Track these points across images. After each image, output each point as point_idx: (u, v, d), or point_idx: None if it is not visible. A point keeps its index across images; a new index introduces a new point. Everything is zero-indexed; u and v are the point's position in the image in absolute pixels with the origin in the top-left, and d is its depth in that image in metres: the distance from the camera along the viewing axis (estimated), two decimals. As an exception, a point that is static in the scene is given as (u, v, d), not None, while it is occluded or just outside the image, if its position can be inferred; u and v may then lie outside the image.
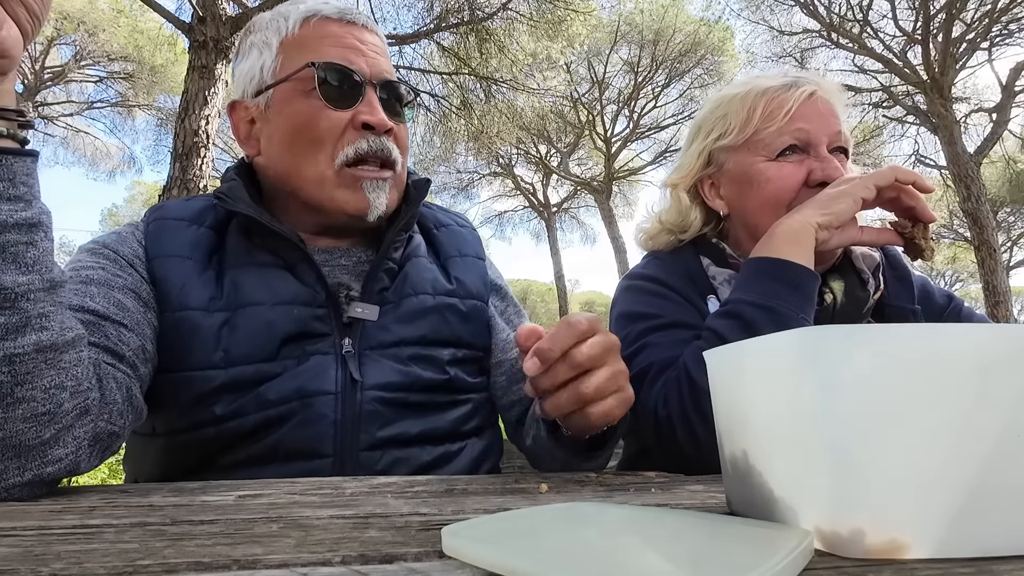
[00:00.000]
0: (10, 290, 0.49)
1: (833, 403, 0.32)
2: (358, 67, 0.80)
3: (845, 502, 0.32)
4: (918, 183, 0.83)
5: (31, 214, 0.52)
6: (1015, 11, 10.50)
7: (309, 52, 0.80)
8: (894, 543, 0.31)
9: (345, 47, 0.81)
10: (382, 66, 0.83)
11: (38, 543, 0.35)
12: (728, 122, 0.97)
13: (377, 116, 0.79)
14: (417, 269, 0.87)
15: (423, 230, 0.95)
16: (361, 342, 0.79)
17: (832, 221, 0.82)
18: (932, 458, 0.31)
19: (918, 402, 0.31)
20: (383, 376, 0.78)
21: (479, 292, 0.92)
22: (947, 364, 0.31)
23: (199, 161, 5.60)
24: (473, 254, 0.96)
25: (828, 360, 0.32)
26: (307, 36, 0.82)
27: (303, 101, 0.79)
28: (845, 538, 0.32)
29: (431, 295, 0.86)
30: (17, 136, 0.52)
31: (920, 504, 0.31)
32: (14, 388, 0.49)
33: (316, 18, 0.83)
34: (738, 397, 0.41)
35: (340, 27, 0.83)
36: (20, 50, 0.51)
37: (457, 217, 1.02)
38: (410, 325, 0.82)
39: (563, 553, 0.31)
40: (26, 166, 0.52)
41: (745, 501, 0.41)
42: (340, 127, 0.79)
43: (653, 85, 17.31)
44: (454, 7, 9.38)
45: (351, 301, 0.80)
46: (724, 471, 0.45)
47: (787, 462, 0.36)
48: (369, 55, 0.82)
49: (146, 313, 0.72)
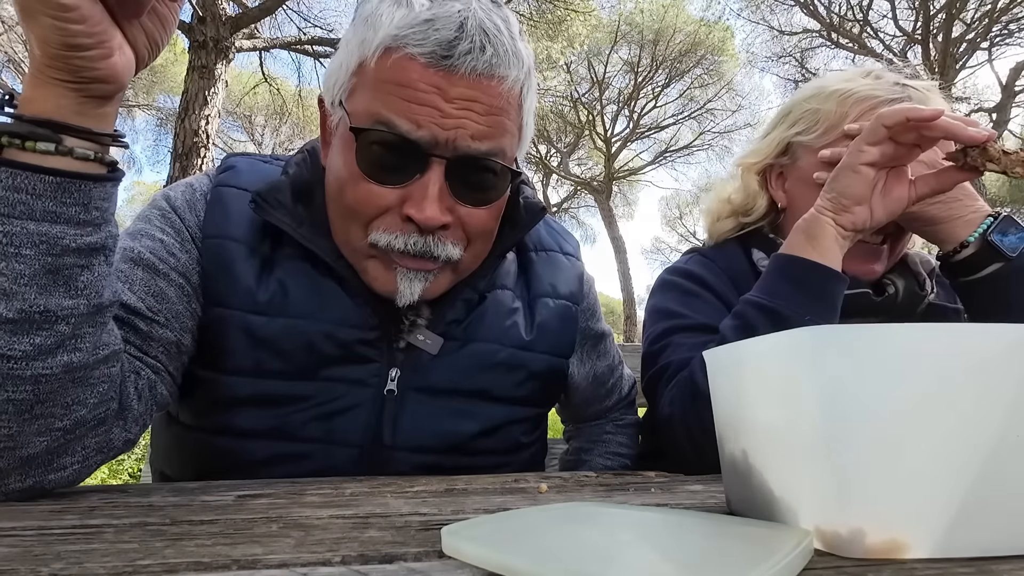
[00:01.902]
0: (52, 312, 0.47)
1: (832, 403, 0.32)
2: (425, 133, 0.60)
3: (845, 502, 0.32)
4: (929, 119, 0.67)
5: (96, 239, 0.49)
6: (1015, 11, 10.51)
7: (374, 98, 0.62)
8: (894, 543, 0.31)
9: (419, 104, 0.60)
10: (469, 128, 0.61)
11: (38, 543, 0.35)
12: (817, 119, 0.91)
13: (424, 211, 0.62)
14: (498, 307, 0.77)
15: (519, 249, 0.83)
16: (409, 379, 0.71)
17: (841, 201, 0.74)
18: (932, 458, 0.31)
19: (918, 402, 0.31)
20: (416, 437, 0.70)
21: (560, 347, 0.82)
22: (947, 364, 0.31)
23: (199, 161, 5.61)
24: (568, 296, 0.83)
25: (827, 360, 0.32)
26: (381, 76, 0.62)
27: (350, 158, 0.63)
28: (845, 538, 0.31)
29: (502, 346, 0.76)
30: (104, 159, 0.49)
31: (920, 504, 0.31)
32: (34, 406, 0.48)
33: (399, 55, 0.61)
34: (738, 397, 0.41)
35: (429, 76, 0.60)
36: (130, 76, 0.49)
37: (563, 241, 0.89)
38: (468, 374, 0.73)
39: (563, 553, 0.31)
40: (105, 191, 0.49)
41: (745, 501, 0.41)
42: (379, 207, 0.64)
43: (653, 85, 17.33)
44: (454, 7, 9.37)
45: (415, 327, 0.71)
46: (724, 471, 0.45)
47: (787, 462, 0.36)
48: (453, 115, 0.61)
49: (189, 303, 0.66)
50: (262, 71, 9.23)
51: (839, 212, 0.75)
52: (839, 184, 0.74)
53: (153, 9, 0.49)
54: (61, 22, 0.43)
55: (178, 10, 0.51)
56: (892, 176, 0.74)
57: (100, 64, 0.46)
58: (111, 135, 0.49)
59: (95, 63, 0.45)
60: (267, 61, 9.43)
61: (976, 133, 0.66)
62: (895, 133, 0.70)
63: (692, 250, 1.06)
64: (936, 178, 0.73)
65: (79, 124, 0.47)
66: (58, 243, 0.46)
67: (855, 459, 0.31)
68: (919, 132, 0.69)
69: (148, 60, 0.51)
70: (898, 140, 0.71)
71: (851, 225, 0.75)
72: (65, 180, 0.46)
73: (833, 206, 0.75)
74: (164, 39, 0.51)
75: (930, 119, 0.67)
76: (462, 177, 0.64)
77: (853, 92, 0.88)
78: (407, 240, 0.64)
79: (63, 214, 0.46)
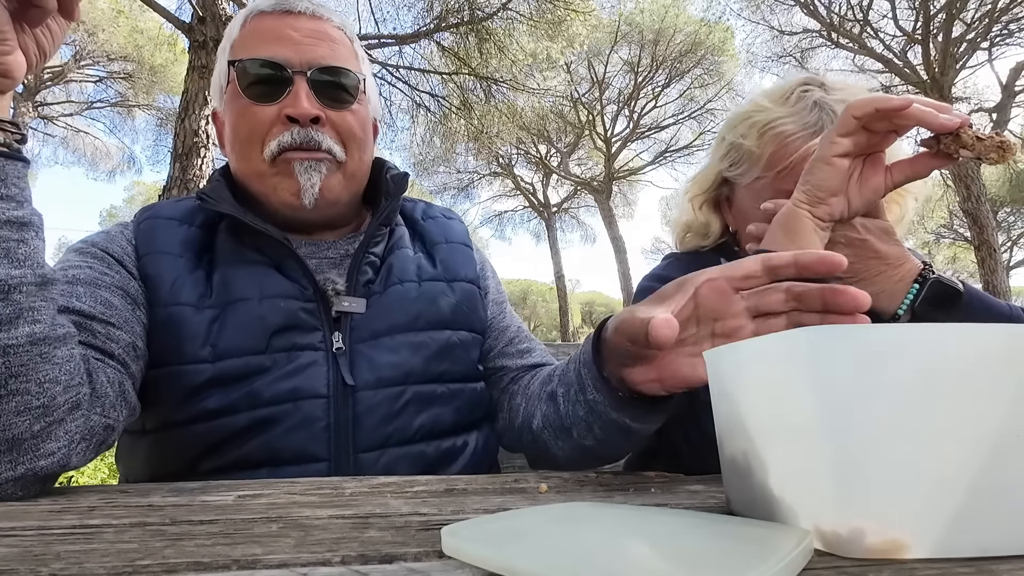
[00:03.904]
0: (3, 282, 0.51)
1: (833, 403, 0.32)
2: (284, 57, 0.78)
3: (845, 502, 0.32)
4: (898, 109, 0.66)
5: (23, 213, 0.54)
6: (1015, 11, 10.51)
7: (243, 51, 0.80)
8: (894, 543, 0.31)
9: (275, 39, 0.80)
10: (318, 52, 0.80)
11: (38, 543, 0.35)
12: (740, 156, 0.93)
13: (298, 107, 0.77)
14: (401, 259, 0.87)
15: (408, 222, 0.95)
16: (352, 337, 0.78)
17: (816, 193, 0.73)
18: (932, 458, 0.31)
19: (918, 402, 0.31)
20: (374, 372, 0.77)
21: (468, 275, 0.91)
22: (946, 364, 0.31)
23: (199, 161, 5.60)
24: (460, 241, 0.95)
25: (826, 361, 0.32)
26: (245, 36, 0.82)
27: (237, 101, 0.80)
28: (845, 538, 0.32)
29: (416, 282, 0.85)
30: (11, 147, 0.55)
31: (920, 504, 0.31)
32: (8, 380, 0.51)
33: (252, 16, 0.83)
34: (738, 397, 0.41)
35: (274, 20, 0.81)
36: (22, 74, 0.54)
37: (444, 211, 1.01)
38: (399, 312, 0.82)
39: (562, 553, 0.31)
40: (18, 170, 0.55)
41: (745, 501, 0.41)
42: (267, 122, 0.79)
43: (653, 85, 17.33)
44: (454, 7, 9.39)
45: (337, 295, 0.79)
46: (724, 471, 0.45)
47: (787, 462, 0.36)
48: (303, 43, 0.80)
49: (135, 311, 0.72)
50: (262, 71, 9.22)
51: (815, 204, 0.74)
52: (814, 177, 0.73)
53: (46, 23, 0.56)
54: None
55: (67, 28, 0.58)
56: (868, 164, 0.73)
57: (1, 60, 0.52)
58: (11, 123, 0.55)
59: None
60: (267, 61, 9.40)
61: (947, 120, 0.64)
62: (867, 123, 0.69)
63: (670, 255, 1.08)
64: (911, 165, 0.72)
65: None
66: None
67: (854, 459, 0.31)
68: (891, 120, 0.68)
69: (36, 66, 0.57)
70: (871, 129, 0.70)
71: (828, 216, 0.74)
72: None
73: (809, 199, 0.74)
74: (52, 50, 0.58)
75: (899, 108, 0.65)
76: (322, 86, 0.80)
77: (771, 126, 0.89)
78: (292, 133, 0.78)
79: None
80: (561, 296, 19.58)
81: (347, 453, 0.73)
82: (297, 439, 0.72)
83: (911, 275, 0.77)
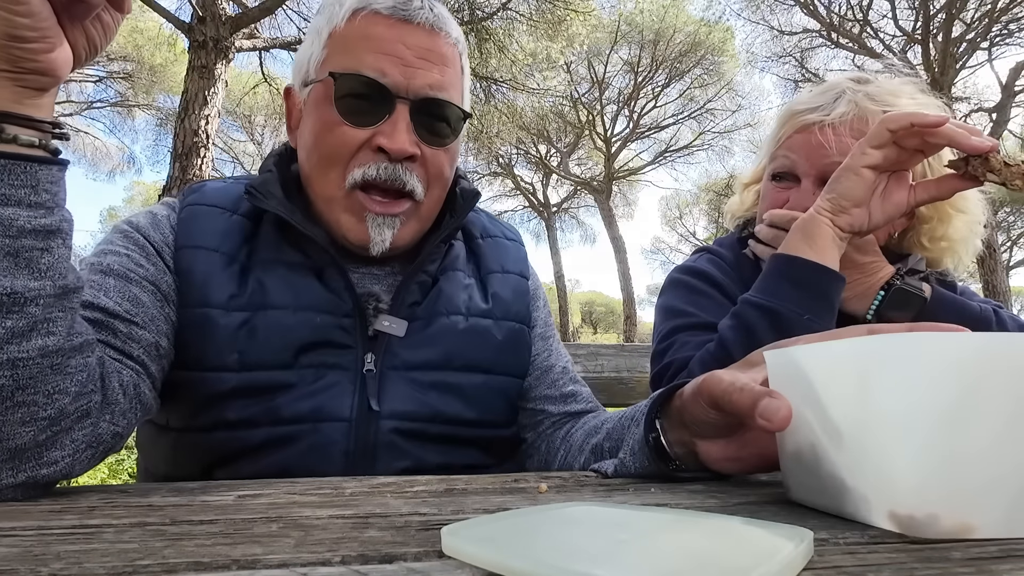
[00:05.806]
0: (20, 295, 0.48)
1: (906, 406, 0.35)
2: (391, 79, 0.71)
3: (921, 490, 0.35)
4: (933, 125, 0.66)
5: (51, 221, 0.51)
6: (1015, 11, 10.51)
7: (347, 54, 0.73)
8: (965, 525, 0.34)
9: (383, 53, 0.72)
10: (427, 79, 0.73)
11: (37, 543, 0.35)
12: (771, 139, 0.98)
13: (395, 142, 0.71)
14: (452, 285, 0.81)
15: (466, 237, 0.89)
16: (385, 360, 0.75)
17: (840, 202, 0.74)
18: (996, 451, 0.34)
19: (981, 402, 0.34)
20: (402, 404, 0.74)
21: (519, 313, 0.86)
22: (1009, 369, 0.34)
23: (199, 161, 5.61)
24: (517, 271, 0.89)
25: (900, 365, 0.35)
26: (351, 34, 0.73)
27: (327, 109, 0.73)
28: (921, 521, 0.35)
29: (464, 315, 0.80)
30: (48, 147, 0.51)
31: (986, 491, 0.34)
32: (15, 392, 0.49)
33: (365, 12, 0.73)
34: (801, 396, 0.43)
35: (388, 27, 0.72)
36: (67, 72, 0.51)
37: (506, 229, 0.95)
38: (439, 346, 0.77)
39: (563, 553, 0.31)
40: (51, 174, 0.51)
41: (812, 490, 0.44)
42: (354, 146, 0.72)
43: (653, 85, 17.33)
44: (454, 7, 9.38)
45: (379, 313, 0.75)
46: (785, 462, 0.47)
47: (859, 456, 0.39)
48: (414, 64, 0.72)
49: (163, 307, 0.70)
50: (262, 71, 9.22)
51: (837, 213, 0.75)
52: (840, 185, 0.74)
53: (98, 16, 0.52)
54: (8, 13, 0.45)
55: (121, 20, 0.54)
56: (893, 180, 0.74)
57: (40, 57, 0.48)
58: (51, 123, 0.51)
59: (36, 55, 0.48)
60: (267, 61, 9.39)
61: (979, 143, 0.66)
62: (899, 137, 0.70)
63: (701, 248, 1.09)
64: (936, 185, 0.73)
65: (19, 112, 0.49)
66: (13, 224, 0.48)
67: (933, 454, 0.35)
68: (923, 138, 0.68)
69: (85, 61, 0.53)
70: (902, 144, 0.71)
71: (848, 227, 0.75)
72: (11, 162, 0.48)
73: (832, 207, 0.75)
74: (103, 44, 0.54)
75: (934, 125, 0.67)
76: (423, 118, 0.74)
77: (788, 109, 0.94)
78: (379, 168, 0.72)
79: (13, 196, 0.48)
80: (561, 296, 19.58)
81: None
82: (312, 461, 0.70)
83: (881, 282, 0.83)
